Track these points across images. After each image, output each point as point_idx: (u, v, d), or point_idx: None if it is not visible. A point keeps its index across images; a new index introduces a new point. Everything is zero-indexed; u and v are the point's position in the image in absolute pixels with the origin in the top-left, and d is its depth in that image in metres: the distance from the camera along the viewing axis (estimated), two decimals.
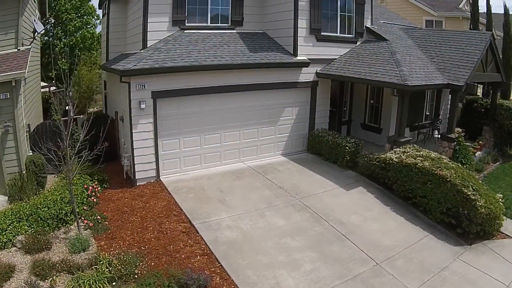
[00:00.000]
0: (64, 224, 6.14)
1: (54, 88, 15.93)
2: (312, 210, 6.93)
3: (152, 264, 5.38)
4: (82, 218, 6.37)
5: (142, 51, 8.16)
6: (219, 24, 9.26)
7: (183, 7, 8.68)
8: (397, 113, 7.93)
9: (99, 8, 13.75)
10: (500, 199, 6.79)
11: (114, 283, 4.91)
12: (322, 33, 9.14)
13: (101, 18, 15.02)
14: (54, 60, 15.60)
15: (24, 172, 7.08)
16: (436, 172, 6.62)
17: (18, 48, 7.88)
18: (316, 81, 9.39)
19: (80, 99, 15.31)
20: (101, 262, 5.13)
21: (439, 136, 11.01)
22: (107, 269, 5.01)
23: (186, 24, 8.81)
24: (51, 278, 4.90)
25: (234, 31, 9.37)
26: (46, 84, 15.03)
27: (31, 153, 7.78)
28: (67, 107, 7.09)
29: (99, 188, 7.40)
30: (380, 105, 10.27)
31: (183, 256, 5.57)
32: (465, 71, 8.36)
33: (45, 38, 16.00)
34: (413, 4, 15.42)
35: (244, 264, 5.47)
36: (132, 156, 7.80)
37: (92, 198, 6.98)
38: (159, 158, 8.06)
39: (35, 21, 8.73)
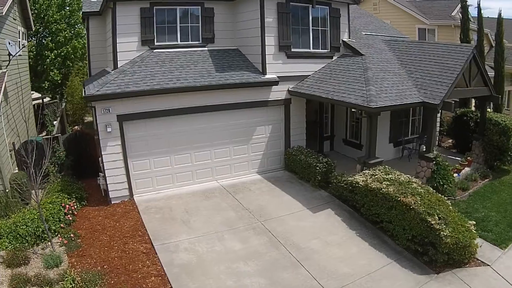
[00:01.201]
0: (42, 240, 6.60)
1: (48, 99, 16.53)
2: (272, 234, 6.95)
3: (112, 282, 5.68)
4: (59, 235, 6.80)
5: (109, 73, 8.39)
6: (190, 42, 9.42)
7: (151, 26, 8.91)
8: (366, 133, 7.73)
9: (82, 23, 14.19)
10: (472, 226, 6.51)
11: None
12: (292, 50, 9.15)
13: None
14: (46, 72, 16.15)
15: (7, 190, 7.50)
16: (399, 199, 6.44)
17: None
18: (289, 99, 9.41)
19: (75, 110, 15.81)
20: (66, 279, 5.49)
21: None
22: (71, 286, 5.41)
23: (156, 44, 9.02)
24: None
25: (205, 48, 9.51)
26: (39, 96, 15.60)
27: (17, 171, 8.09)
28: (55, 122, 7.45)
29: (75, 207, 7.74)
30: (360, 121, 10.10)
31: (139, 276, 5.85)
32: (442, 88, 8.14)
33: (36, 49, 16.50)
34: (406, 12, 15.21)
35: (193, 287, 5.59)
36: (104, 176, 8.03)
37: (69, 216, 7.34)
38: (131, 178, 8.33)
39: (9, 43, 9.09)
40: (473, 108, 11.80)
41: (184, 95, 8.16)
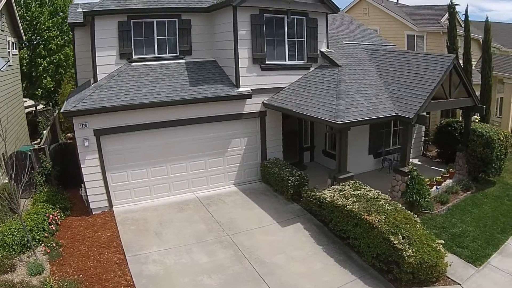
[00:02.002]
0: (27, 249, 6.96)
1: (42, 106, 16.93)
2: (238, 248, 7.05)
3: None
4: (43, 244, 7.14)
5: (88, 88, 8.62)
6: (167, 55, 9.58)
7: (129, 39, 9.09)
8: (336, 148, 7.69)
9: (71, 32, 14.44)
10: (441, 245, 6.41)
11: None
12: (267, 62, 9.21)
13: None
14: (39, 79, 16.51)
15: None
16: (363, 216, 6.41)
17: None
18: (264, 111, 9.48)
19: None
20: (45, 287, 5.90)
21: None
22: None
23: (134, 57, 9.20)
24: None
25: (183, 60, 9.66)
26: (32, 103, 16.00)
27: (7, 181, 8.35)
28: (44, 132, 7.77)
29: (59, 217, 8.06)
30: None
31: (111, 285, 6.15)
32: (418, 101, 8.05)
33: (29, 57, 16.83)
34: (395, 18, 15.08)
35: None
36: (84, 187, 8.32)
37: (52, 226, 7.68)
38: (110, 190, 8.58)
39: None
40: (461, 118, 11.61)
41: (158, 109, 8.34)
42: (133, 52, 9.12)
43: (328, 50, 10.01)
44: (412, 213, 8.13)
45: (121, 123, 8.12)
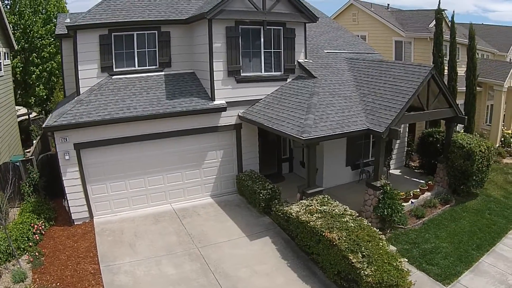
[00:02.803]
0: (13, 258, 7.35)
1: (35, 114, 17.40)
2: (205, 261, 7.28)
3: None
4: (27, 253, 7.54)
5: (69, 102, 8.88)
6: (147, 67, 9.78)
7: (110, 53, 9.31)
8: (307, 161, 7.76)
9: (59, 43, 14.75)
10: (404, 264, 6.41)
11: None
12: (242, 74, 9.33)
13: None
14: (32, 87, 16.92)
15: None
16: (324, 234, 6.48)
17: None
18: (240, 124, 9.60)
19: None
20: None
21: (388, 173, 10.60)
22: None
23: (114, 70, 9.43)
24: None
25: (162, 73, 9.85)
26: (25, 111, 16.47)
27: None
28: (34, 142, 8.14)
29: (43, 226, 8.41)
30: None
31: None
32: (390, 114, 8.05)
33: (23, 65, 17.24)
34: (383, 24, 14.92)
35: None
36: (66, 199, 8.64)
37: (36, 236, 8.03)
38: (91, 201, 8.89)
39: None
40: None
41: (134, 123, 8.58)
42: (114, 65, 9.35)
43: (306, 60, 10.06)
44: (385, 227, 8.25)
45: (100, 137, 8.42)
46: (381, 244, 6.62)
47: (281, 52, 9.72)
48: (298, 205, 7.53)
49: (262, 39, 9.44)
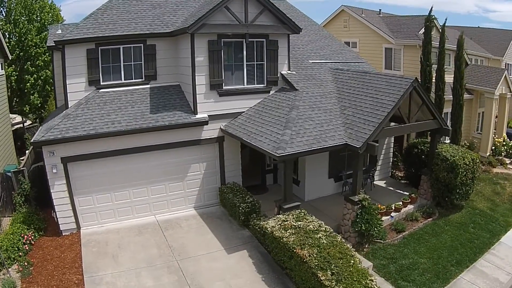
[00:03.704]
0: (3, 267, 7.68)
1: (30, 122, 17.85)
2: (183, 274, 7.54)
3: None
4: (17, 263, 7.90)
5: (57, 116, 9.17)
6: (133, 80, 10.03)
7: (97, 66, 9.56)
8: (284, 176, 7.93)
9: (50, 55, 15.08)
10: (375, 282, 6.52)
11: None
12: (224, 87, 9.52)
13: None
14: (27, 95, 17.31)
15: None
16: (295, 250, 6.64)
17: None
18: (222, 137, 9.80)
19: None
20: None
21: (373, 184, 10.69)
22: None
23: (101, 83, 9.67)
24: None
25: (148, 85, 10.10)
26: (20, 119, 16.91)
27: None
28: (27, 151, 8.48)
29: (33, 237, 8.76)
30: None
31: None
32: (368, 129, 8.15)
33: (17, 74, 17.61)
34: (374, 31, 14.92)
35: None
36: (55, 210, 8.99)
37: (26, 246, 8.38)
38: (78, 213, 9.22)
39: None
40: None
41: (118, 138, 8.85)
42: (101, 79, 9.61)
43: (289, 72, 10.20)
44: (363, 241, 8.36)
45: (86, 150, 8.73)
46: (352, 261, 6.75)
47: (264, 64, 9.88)
48: (274, 219, 7.71)
49: (244, 52, 9.62)
